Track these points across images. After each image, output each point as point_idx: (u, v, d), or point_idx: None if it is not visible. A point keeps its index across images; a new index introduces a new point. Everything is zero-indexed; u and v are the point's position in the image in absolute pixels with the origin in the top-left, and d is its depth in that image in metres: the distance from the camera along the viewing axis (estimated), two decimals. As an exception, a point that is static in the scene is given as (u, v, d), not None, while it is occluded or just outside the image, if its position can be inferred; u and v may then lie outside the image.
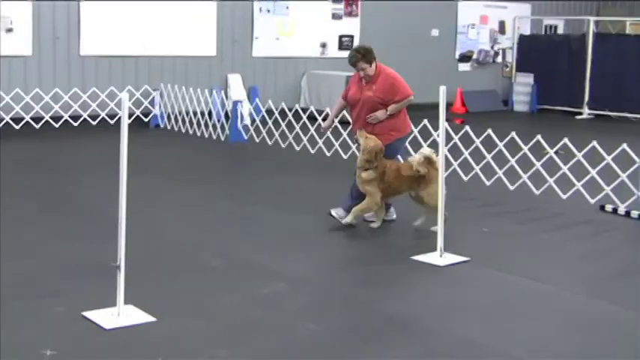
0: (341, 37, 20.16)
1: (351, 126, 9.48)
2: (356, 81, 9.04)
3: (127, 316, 6.01)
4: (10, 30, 15.75)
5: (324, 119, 13.85)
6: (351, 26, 20.25)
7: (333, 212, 8.90)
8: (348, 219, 8.80)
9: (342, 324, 6.15)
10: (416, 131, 12.03)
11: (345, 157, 12.92)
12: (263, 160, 13.35)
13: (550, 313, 6.52)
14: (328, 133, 12.10)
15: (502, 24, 23.43)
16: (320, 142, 13.43)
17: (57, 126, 15.70)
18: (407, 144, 9.70)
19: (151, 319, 6.01)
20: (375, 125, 8.85)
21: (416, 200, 8.99)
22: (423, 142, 11.89)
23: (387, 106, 8.82)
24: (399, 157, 9.41)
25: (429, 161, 8.74)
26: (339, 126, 12.57)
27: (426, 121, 12.13)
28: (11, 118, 15.22)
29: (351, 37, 20.20)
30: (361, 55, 8.79)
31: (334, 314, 6.38)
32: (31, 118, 15.45)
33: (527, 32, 23.64)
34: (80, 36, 16.54)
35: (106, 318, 5.97)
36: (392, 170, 8.77)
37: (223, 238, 8.42)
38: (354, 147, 8.68)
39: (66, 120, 15.91)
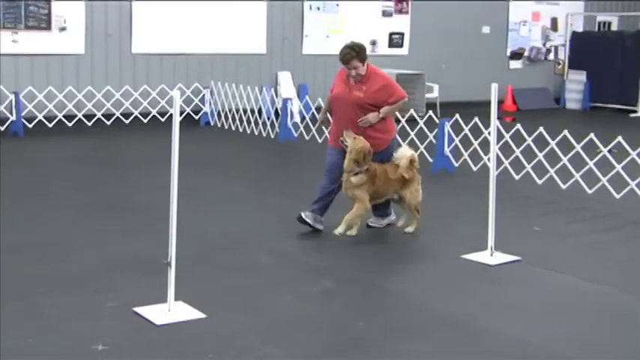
0: (391, 34, 20.08)
1: (330, 126, 8.86)
2: (343, 79, 8.45)
3: (178, 313, 6.05)
4: (63, 29, 15.94)
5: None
6: (402, 23, 20.15)
7: (304, 216, 8.45)
8: (341, 229, 8.38)
9: (392, 322, 6.12)
10: (467, 129, 11.97)
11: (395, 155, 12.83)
12: (313, 158, 13.32)
13: (602, 314, 6.42)
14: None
15: (554, 21, 23.16)
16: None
17: (108, 123, 15.85)
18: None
19: (201, 315, 6.04)
20: (366, 129, 8.33)
21: (397, 201, 8.69)
22: (473, 140, 11.80)
23: (378, 109, 8.30)
24: None
25: (411, 163, 8.48)
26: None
27: (477, 118, 12.03)
28: (64, 116, 15.39)
29: (402, 34, 20.13)
30: (355, 53, 8.20)
31: (383, 312, 6.36)
32: (84, 116, 15.62)
33: (580, 29, 23.34)
34: (132, 34, 16.68)
35: (157, 314, 6.01)
36: (381, 173, 8.36)
37: (274, 235, 8.43)
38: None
39: (117, 117, 16.06)
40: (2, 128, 14.49)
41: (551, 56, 23.26)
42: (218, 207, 9.68)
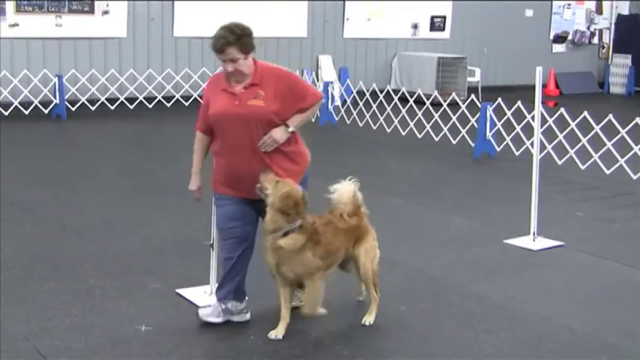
0: (433, 17, 19.92)
1: (214, 163, 5.72)
2: (220, 89, 5.57)
3: (220, 295, 6.08)
4: (106, 12, 16.02)
5: (417, 101, 13.80)
6: (444, 7, 19.99)
7: (203, 315, 5.67)
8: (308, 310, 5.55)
9: (434, 306, 6.11)
10: (509, 113, 11.87)
11: (436, 139, 12.81)
12: (354, 141, 13.33)
13: (648, 300, 6.37)
14: (420, 115, 12.02)
15: (599, 4, 22.85)
16: (411, 123, 13.35)
17: (150, 106, 15.94)
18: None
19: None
20: (271, 155, 5.47)
21: (346, 266, 5.86)
22: (515, 124, 11.70)
23: (283, 120, 5.48)
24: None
25: (355, 204, 5.76)
26: (414, 106, 12.54)
27: (519, 102, 11.92)
28: (106, 99, 15.50)
29: (443, 17, 19.96)
30: (234, 38, 5.42)
31: (426, 297, 6.34)
32: (126, 99, 15.72)
33: (626, 12, 23.01)
34: (174, 17, 16.74)
35: (199, 296, 6.06)
36: (325, 225, 5.52)
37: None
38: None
39: (159, 100, 16.15)
40: (46, 111, 14.64)
41: (596, 40, 22.96)
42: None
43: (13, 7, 15.01)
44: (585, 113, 11.14)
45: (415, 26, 19.63)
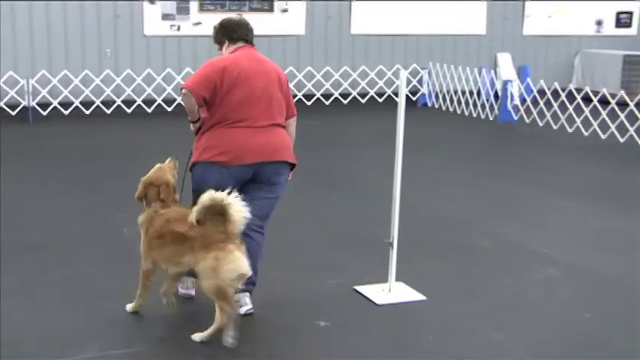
0: (618, 13, 19.17)
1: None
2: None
3: (398, 293, 6.01)
4: (285, 10, 16.28)
5: (601, 101, 13.29)
6: (630, 2, 19.19)
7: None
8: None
9: (623, 316, 5.79)
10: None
11: (621, 140, 12.30)
12: (534, 141, 12.97)
13: None
14: (604, 115, 11.57)
15: None
16: (595, 124, 12.86)
17: (327, 103, 16.08)
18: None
19: (421, 297, 5.97)
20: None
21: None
22: None
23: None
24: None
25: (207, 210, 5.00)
26: (598, 105, 12.02)
27: None
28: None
29: (630, 13, 19.17)
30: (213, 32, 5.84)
31: (612, 304, 6.02)
32: (303, 96, 15.91)
33: None
34: (351, 15, 16.82)
35: (378, 293, 5.99)
36: (166, 220, 5.31)
37: (494, 218, 8.23)
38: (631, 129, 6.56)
39: (336, 98, 16.27)
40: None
41: None
42: (437, 189, 9.58)
43: (197, 6, 15.52)
44: None
45: (599, 23, 18.94)
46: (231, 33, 5.74)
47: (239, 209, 4.91)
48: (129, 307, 5.48)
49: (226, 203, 4.87)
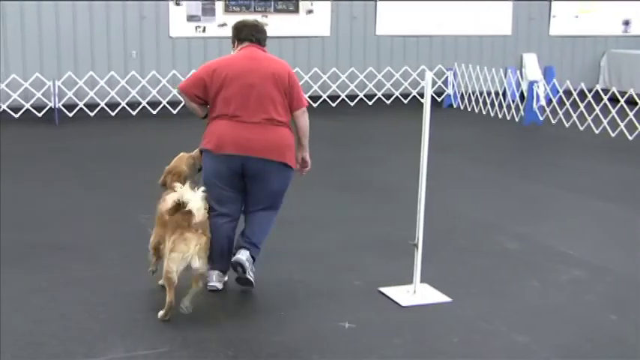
0: (646, 14, 19.03)
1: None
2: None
3: (423, 295, 5.99)
4: (310, 12, 16.29)
5: (628, 101, 13.16)
6: (658, 2, 19.05)
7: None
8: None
9: (650, 317, 5.75)
10: None
11: (648, 140, 12.22)
12: (559, 142, 12.89)
13: None
14: (631, 115, 11.35)
15: None
16: (622, 124, 12.76)
17: (352, 104, 16.07)
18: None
19: (446, 299, 5.94)
20: None
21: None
22: None
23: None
24: None
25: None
26: (625, 106, 11.90)
27: None
28: (309, 97, 15.73)
29: (657, 13, 19.03)
30: None
31: (639, 306, 5.96)
32: (328, 97, 15.90)
33: None
34: (376, 16, 16.79)
35: (402, 295, 5.97)
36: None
37: (520, 220, 8.18)
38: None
39: (361, 99, 16.25)
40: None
41: None
42: (463, 189, 9.54)
43: (222, 7, 15.56)
44: None
45: (627, 23, 18.78)
46: (239, 34, 6.18)
47: (196, 205, 5.43)
48: (160, 314, 5.50)
49: (185, 200, 5.41)
